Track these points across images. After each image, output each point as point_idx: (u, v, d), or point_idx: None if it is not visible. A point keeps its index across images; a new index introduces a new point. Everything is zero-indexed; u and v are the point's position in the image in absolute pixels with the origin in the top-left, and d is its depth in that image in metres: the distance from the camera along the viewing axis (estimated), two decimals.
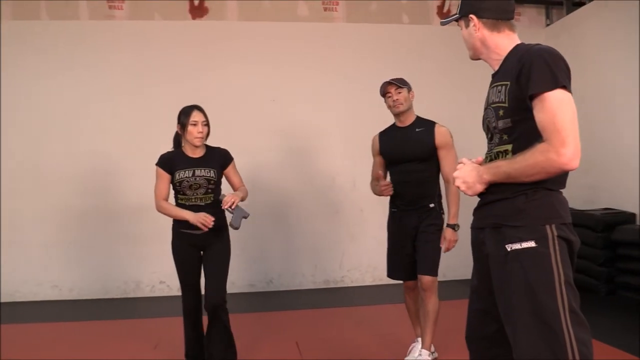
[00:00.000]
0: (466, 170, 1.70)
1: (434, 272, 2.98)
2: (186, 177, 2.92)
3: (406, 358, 3.11)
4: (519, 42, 1.76)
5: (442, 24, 1.97)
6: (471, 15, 1.77)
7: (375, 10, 5.85)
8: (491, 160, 1.72)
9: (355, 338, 3.67)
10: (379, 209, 5.55)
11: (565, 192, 1.70)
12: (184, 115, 2.95)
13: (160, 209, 2.94)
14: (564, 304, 1.53)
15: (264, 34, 5.66)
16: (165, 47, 5.51)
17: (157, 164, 2.97)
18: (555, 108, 1.52)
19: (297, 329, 3.94)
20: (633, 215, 4.80)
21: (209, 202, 2.95)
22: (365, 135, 5.84)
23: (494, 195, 1.66)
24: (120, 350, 3.53)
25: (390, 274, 3.19)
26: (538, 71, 1.56)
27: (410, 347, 3.22)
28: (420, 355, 3.00)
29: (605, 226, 4.72)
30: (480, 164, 1.72)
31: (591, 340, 1.56)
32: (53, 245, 5.24)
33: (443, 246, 2.97)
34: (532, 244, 1.57)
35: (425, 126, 3.06)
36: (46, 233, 5.23)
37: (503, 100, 1.66)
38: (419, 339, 3.12)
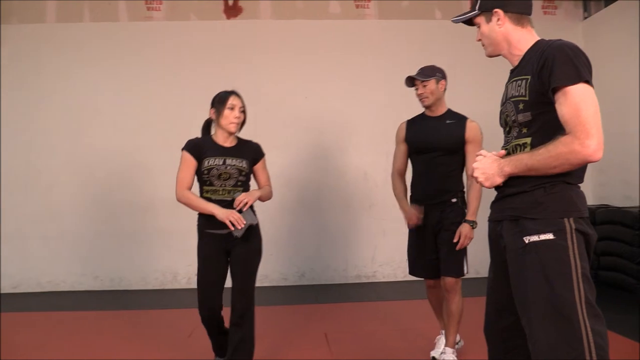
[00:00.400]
0: (486, 162, 1.71)
1: (458, 273, 2.92)
2: (216, 164, 2.66)
3: (432, 352, 3.14)
4: (538, 38, 1.78)
5: (455, 21, 1.91)
6: (497, 10, 1.78)
7: (406, 7, 5.84)
8: (509, 153, 1.74)
9: (382, 331, 3.71)
10: None
11: (601, 189, 1.71)
12: (220, 99, 2.73)
13: (182, 199, 2.65)
14: (580, 296, 1.55)
15: (296, 32, 5.75)
16: (200, 47, 5.66)
17: (184, 149, 2.72)
18: (579, 101, 1.54)
19: (326, 321, 4.01)
20: None
21: (227, 196, 2.69)
22: (392, 129, 5.87)
23: (513, 189, 1.69)
24: (157, 338, 3.68)
25: (412, 271, 3.13)
26: (561, 65, 1.58)
27: (436, 339, 3.23)
28: (444, 353, 2.99)
29: None
30: (502, 157, 1.74)
31: (606, 332, 1.58)
32: (95, 238, 5.47)
33: (458, 241, 2.89)
34: (550, 236, 1.59)
35: (457, 119, 3.01)
36: (87, 226, 5.47)
37: (523, 94, 1.68)
38: (444, 332, 3.12)
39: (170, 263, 5.53)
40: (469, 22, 1.90)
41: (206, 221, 2.67)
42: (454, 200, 2.96)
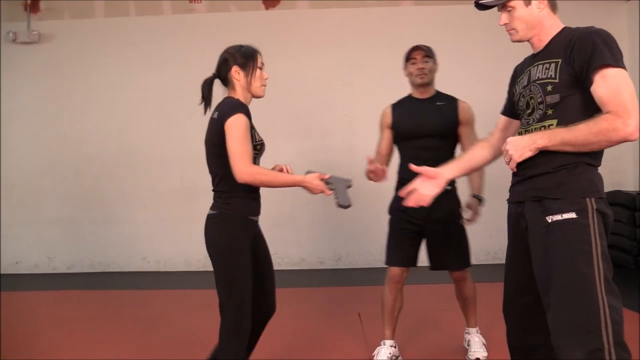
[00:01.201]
0: (520, 138, 1.74)
1: (467, 263, 2.88)
2: (261, 140, 2.20)
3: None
4: (563, 25, 1.83)
5: (486, 5, 1.84)
6: None
7: None
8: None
9: (413, 312, 3.78)
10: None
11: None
12: (247, 54, 2.23)
13: (253, 176, 2.04)
14: (600, 273, 1.63)
15: (334, 20, 5.84)
16: (240, 37, 5.77)
17: (240, 112, 2.08)
18: (619, 82, 1.62)
19: (360, 303, 4.14)
20: None
21: None
22: None
23: (535, 170, 1.75)
24: (202, 315, 3.90)
25: (390, 259, 2.91)
26: (599, 49, 1.64)
27: (377, 350, 2.91)
28: (468, 333, 3.01)
29: None
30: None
31: (622, 308, 1.66)
32: (140, 223, 5.79)
33: (467, 218, 2.79)
34: (573, 215, 1.66)
35: (447, 100, 2.88)
36: (134, 212, 5.78)
37: (553, 76, 1.72)
38: (389, 342, 2.90)
39: None
40: (486, 6, 1.86)
41: (249, 205, 2.18)
42: (448, 187, 2.64)
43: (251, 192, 2.17)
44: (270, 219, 5.96)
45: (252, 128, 2.14)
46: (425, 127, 2.82)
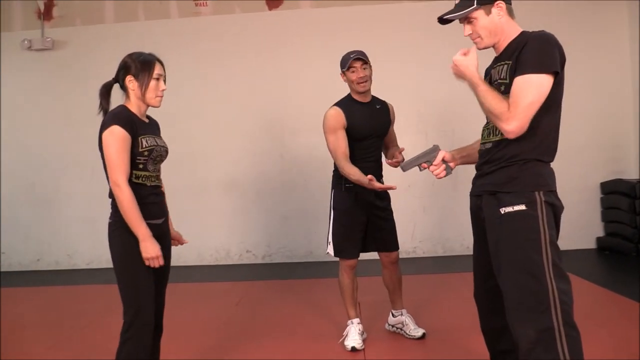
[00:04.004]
0: (471, 59, 1.90)
1: (398, 245, 3.24)
2: (153, 144, 2.21)
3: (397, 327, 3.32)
4: (520, 29, 1.95)
5: (451, 17, 1.96)
6: (500, 2, 1.89)
7: None
8: (489, 133, 1.96)
9: (414, 302, 3.93)
10: (449, 183, 5.76)
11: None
12: (144, 64, 2.20)
13: (120, 196, 2.11)
14: (548, 259, 1.77)
15: (336, 18, 5.97)
16: (245, 38, 6.02)
17: (115, 124, 2.10)
18: (528, 87, 1.76)
19: (364, 292, 4.25)
20: None
21: (159, 183, 2.32)
22: (436, 110, 6.02)
23: (491, 166, 1.91)
24: (209, 306, 4.14)
25: (341, 252, 3.13)
26: (530, 53, 1.78)
27: (347, 330, 3.17)
28: (401, 315, 3.29)
29: None
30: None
31: (571, 290, 1.79)
32: None
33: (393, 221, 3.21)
34: (523, 207, 1.81)
35: (381, 104, 3.22)
36: None
37: (504, 77, 1.87)
38: (356, 320, 3.18)
39: (223, 240, 6.00)
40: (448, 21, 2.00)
41: (145, 209, 2.17)
42: (382, 180, 3.12)
43: (145, 196, 2.17)
44: (279, 213, 6.18)
45: (141, 135, 2.15)
46: (374, 129, 3.12)
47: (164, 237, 2.31)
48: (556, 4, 5.83)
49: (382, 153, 3.27)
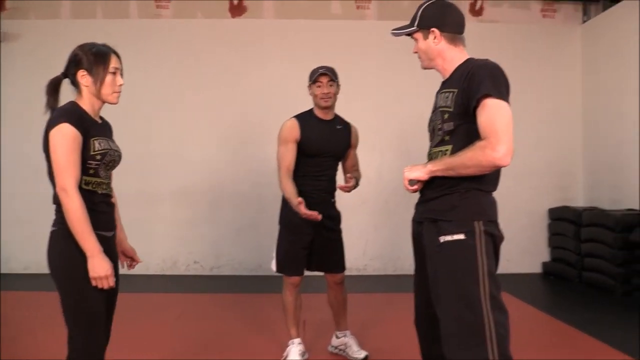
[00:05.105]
0: (415, 165, 1.90)
1: (344, 267, 3.19)
2: (107, 148, 1.98)
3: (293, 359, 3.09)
4: (468, 56, 1.95)
5: (395, 34, 2.03)
6: (434, 29, 1.93)
7: (407, 8, 5.97)
8: (431, 159, 1.94)
9: (360, 321, 3.90)
10: (402, 201, 5.79)
11: (591, 191, 1.84)
12: (100, 57, 1.96)
13: (68, 204, 1.84)
14: (485, 290, 1.75)
15: (299, 31, 5.96)
16: (206, 44, 5.92)
17: (65, 121, 1.86)
18: (495, 112, 1.73)
19: (310, 310, 4.21)
20: None
21: (110, 192, 2.08)
22: (392, 128, 6.05)
23: (433, 192, 1.88)
24: (148, 319, 3.98)
25: (284, 269, 3.06)
26: (483, 81, 1.76)
27: (287, 350, 3.10)
28: (345, 336, 3.24)
29: (625, 227, 4.71)
30: None
31: (508, 323, 1.77)
32: None
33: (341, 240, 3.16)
34: (461, 236, 1.79)
35: (344, 125, 3.17)
36: None
37: (449, 105, 1.86)
38: (297, 340, 3.11)
39: (170, 250, 5.83)
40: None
41: (95, 219, 1.91)
42: (333, 200, 3.15)
43: (95, 205, 1.93)
44: (231, 225, 6.06)
45: (93, 136, 1.92)
46: (330, 148, 3.07)
47: (112, 253, 2.03)
48: (510, 29, 5.97)
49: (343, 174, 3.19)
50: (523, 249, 5.78)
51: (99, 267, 1.82)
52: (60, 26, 5.88)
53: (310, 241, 3.06)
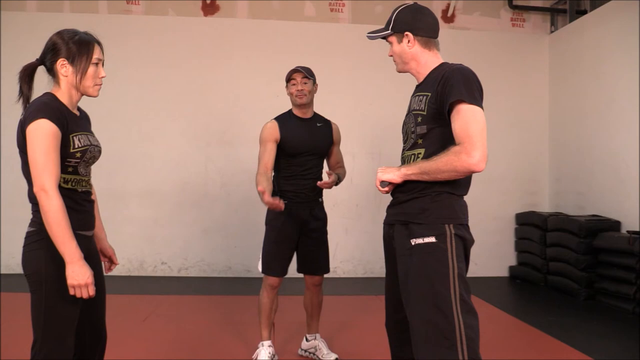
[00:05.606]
0: (388, 167, 1.91)
1: (328, 269, 3.16)
2: (88, 144, 1.87)
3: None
4: (442, 60, 1.96)
5: (370, 37, 2.04)
6: (407, 32, 1.94)
7: (380, 12, 6.03)
8: (404, 162, 1.93)
9: (330, 323, 3.89)
10: (372, 204, 5.82)
11: (557, 197, 1.86)
12: (82, 46, 1.83)
13: (46, 204, 1.71)
14: (455, 293, 1.75)
15: (272, 32, 5.92)
16: (177, 42, 5.83)
17: (43, 117, 1.73)
18: (469, 118, 1.74)
19: (280, 312, 4.18)
20: (618, 223, 4.90)
21: (90, 189, 1.97)
22: (365, 131, 6.06)
23: (405, 195, 1.88)
24: (114, 321, 3.84)
25: (272, 270, 3.00)
26: (457, 86, 1.76)
27: (257, 352, 3.08)
28: (315, 339, 3.23)
29: (589, 232, 4.83)
30: None
31: (478, 325, 1.78)
32: None
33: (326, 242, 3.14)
34: (432, 239, 1.79)
35: (324, 122, 3.16)
36: None
37: (422, 108, 1.86)
38: (267, 342, 3.08)
39: (137, 251, 5.71)
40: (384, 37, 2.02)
41: (75, 218, 1.80)
42: (320, 199, 3.12)
43: (76, 203, 1.84)
44: (199, 226, 5.99)
45: (72, 132, 1.80)
46: (310, 146, 3.05)
47: (92, 255, 1.92)
48: (481, 36, 6.07)
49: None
50: (491, 252, 5.86)
51: (78, 274, 1.69)
52: (24, 19, 5.70)
53: (295, 241, 3.05)
